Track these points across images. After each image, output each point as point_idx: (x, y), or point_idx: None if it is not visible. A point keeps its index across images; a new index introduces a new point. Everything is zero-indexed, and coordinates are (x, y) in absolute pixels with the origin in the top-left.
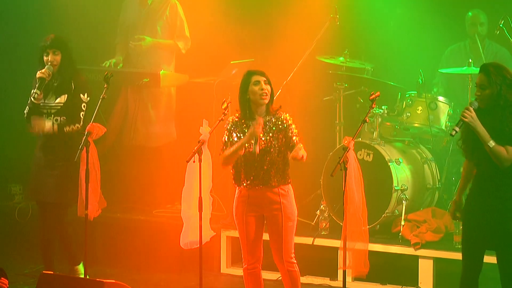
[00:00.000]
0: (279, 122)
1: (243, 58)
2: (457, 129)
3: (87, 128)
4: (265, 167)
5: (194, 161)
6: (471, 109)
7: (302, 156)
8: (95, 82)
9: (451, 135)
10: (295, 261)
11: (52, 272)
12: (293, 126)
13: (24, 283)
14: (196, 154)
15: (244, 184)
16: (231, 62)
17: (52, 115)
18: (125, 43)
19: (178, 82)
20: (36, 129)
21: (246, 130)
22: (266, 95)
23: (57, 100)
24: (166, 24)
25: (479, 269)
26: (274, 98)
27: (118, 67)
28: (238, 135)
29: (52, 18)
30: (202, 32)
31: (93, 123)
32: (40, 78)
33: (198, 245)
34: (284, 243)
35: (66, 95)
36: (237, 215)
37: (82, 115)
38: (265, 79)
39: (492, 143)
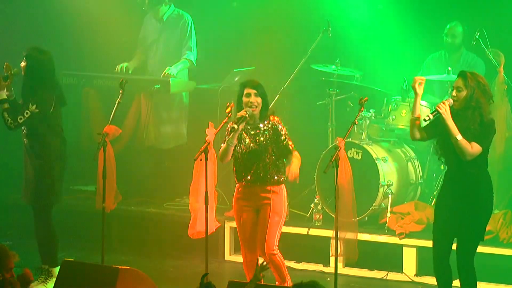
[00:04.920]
0: (270, 126)
1: (245, 66)
2: (430, 116)
3: (104, 129)
4: (258, 167)
5: (201, 159)
6: (447, 103)
7: (295, 178)
8: (111, 88)
9: (424, 120)
10: (277, 252)
11: (72, 259)
12: (285, 129)
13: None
14: (203, 153)
15: (242, 182)
16: (234, 70)
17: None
18: (142, 53)
19: (186, 88)
20: None
21: (241, 135)
22: (256, 107)
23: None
24: (179, 39)
25: (449, 253)
26: (270, 105)
27: (129, 72)
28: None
29: (76, 27)
30: (209, 43)
31: (110, 125)
32: None
33: (205, 235)
34: (268, 235)
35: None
36: (235, 211)
37: (20, 119)
38: (255, 91)
39: (459, 137)
